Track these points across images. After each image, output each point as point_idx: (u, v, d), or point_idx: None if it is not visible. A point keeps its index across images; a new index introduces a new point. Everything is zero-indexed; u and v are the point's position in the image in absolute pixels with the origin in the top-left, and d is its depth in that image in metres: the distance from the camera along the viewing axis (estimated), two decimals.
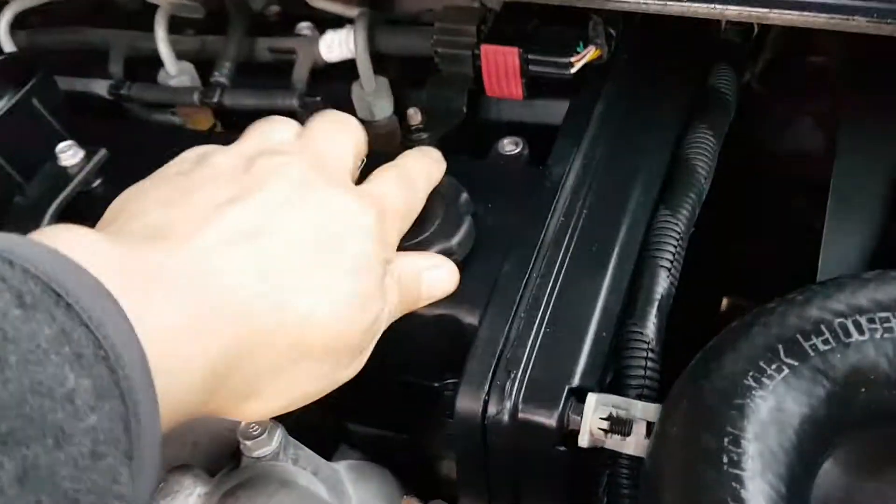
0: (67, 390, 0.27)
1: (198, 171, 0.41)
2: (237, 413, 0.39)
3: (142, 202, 0.39)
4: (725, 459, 0.34)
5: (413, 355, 0.50)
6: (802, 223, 0.61)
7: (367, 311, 0.41)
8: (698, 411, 0.36)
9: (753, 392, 0.36)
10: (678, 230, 0.49)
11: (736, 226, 0.73)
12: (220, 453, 0.59)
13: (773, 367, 0.36)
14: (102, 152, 0.55)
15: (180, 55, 0.65)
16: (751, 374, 0.36)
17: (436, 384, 0.51)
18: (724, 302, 0.81)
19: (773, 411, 0.35)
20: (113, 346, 0.28)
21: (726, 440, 0.35)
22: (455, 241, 0.47)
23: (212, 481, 0.45)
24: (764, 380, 0.36)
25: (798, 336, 0.36)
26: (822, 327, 0.36)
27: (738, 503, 0.34)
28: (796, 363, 0.36)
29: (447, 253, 0.47)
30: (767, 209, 0.70)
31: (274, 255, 0.37)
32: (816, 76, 0.65)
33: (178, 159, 0.43)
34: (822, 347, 0.36)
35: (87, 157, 0.54)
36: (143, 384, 0.30)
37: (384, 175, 0.45)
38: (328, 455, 0.54)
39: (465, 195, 0.48)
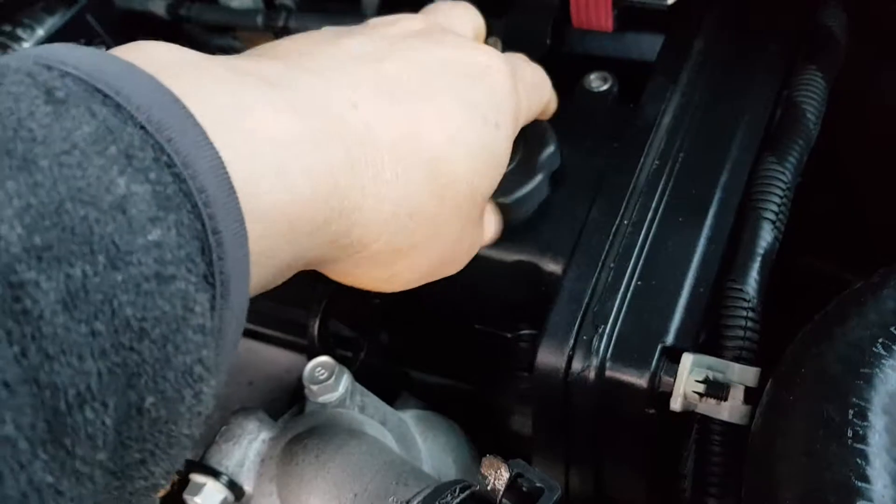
0: (117, 198, 0.22)
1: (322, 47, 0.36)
2: (344, 272, 0.35)
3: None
4: (850, 433, 0.31)
5: (486, 303, 0.47)
6: None
7: (495, 171, 0.38)
8: (820, 380, 0.32)
9: (883, 361, 0.32)
10: (785, 179, 0.45)
11: (826, 179, 0.67)
12: (276, 395, 0.57)
13: None
14: None
15: None
16: (880, 340, 0.32)
17: (509, 335, 0.48)
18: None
19: None
20: (179, 151, 0.24)
21: (851, 412, 0.31)
22: (511, 198, 0.43)
23: (276, 426, 0.42)
24: (895, 347, 0.32)
25: None
26: None
27: (863, 481, 0.30)
28: None
29: (500, 206, 0.43)
30: (866, 164, 0.65)
31: (407, 81, 0.34)
32: None
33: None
34: None
35: None
36: (224, 201, 0.25)
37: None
38: (392, 400, 0.51)
39: (551, 148, 0.44)
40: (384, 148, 0.33)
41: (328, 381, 0.42)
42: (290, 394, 0.55)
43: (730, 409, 0.39)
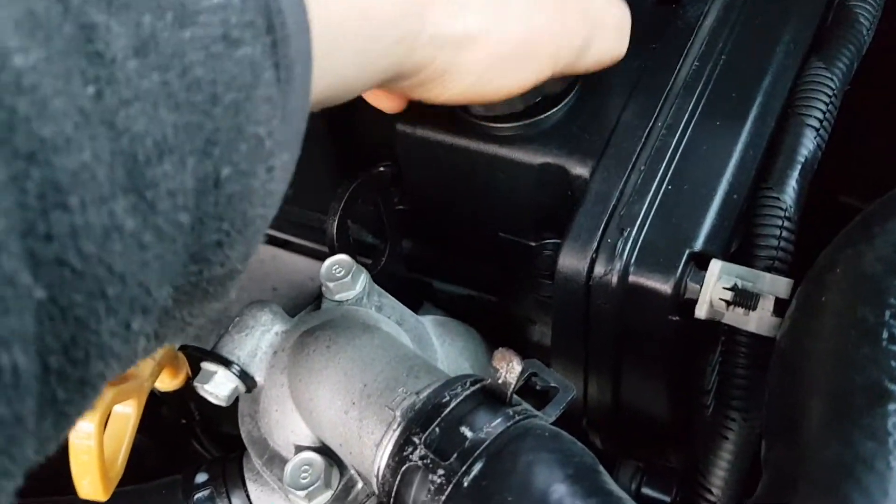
0: None
1: None
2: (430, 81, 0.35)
3: None
4: (885, 335, 0.29)
5: (511, 209, 0.45)
6: None
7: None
8: (856, 280, 0.31)
9: None
10: (832, 86, 0.42)
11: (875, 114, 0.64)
12: (299, 301, 0.57)
13: None
14: None
15: None
16: None
17: (532, 243, 0.46)
18: None
19: None
20: None
21: (888, 313, 0.29)
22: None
23: (290, 320, 0.42)
24: None
25: None
26: None
27: None
28: None
29: None
30: None
31: None
32: None
33: None
34: None
35: None
36: None
37: None
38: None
39: None
40: None
41: (345, 278, 0.42)
42: (311, 301, 0.55)
43: (758, 320, 0.37)
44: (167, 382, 0.45)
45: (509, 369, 0.32)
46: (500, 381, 0.32)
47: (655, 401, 0.41)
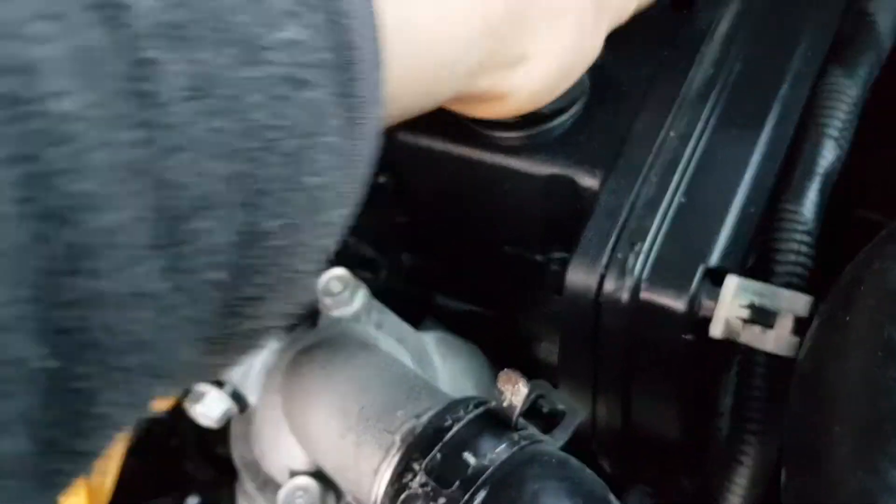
0: None
1: None
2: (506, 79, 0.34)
3: None
4: None
5: (517, 222, 0.44)
6: None
7: None
8: (882, 298, 0.29)
9: None
10: (852, 94, 0.41)
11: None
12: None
13: None
14: None
15: None
16: None
17: (539, 257, 0.45)
18: None
19: None
20: None
21: None
22: None
23: (285, 337, 0.40)
24: None
25: None
26: None
27: None
28: None
29: None
30: None
31: None
32: None
33: None
34: None
35: None
36: (364, 13, 0.23)
37: None
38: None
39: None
40: None
41: (343, 293, 0.40)
42: (307, 310, 0.53)
43: (776, 340, 0.35)
44: (157, 402, 0.43)
45: (515, 392, 0.30)
46: (505, 405, 0.30)
47: (667, 423, 0.39)
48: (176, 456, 0.50)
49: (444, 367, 0.42)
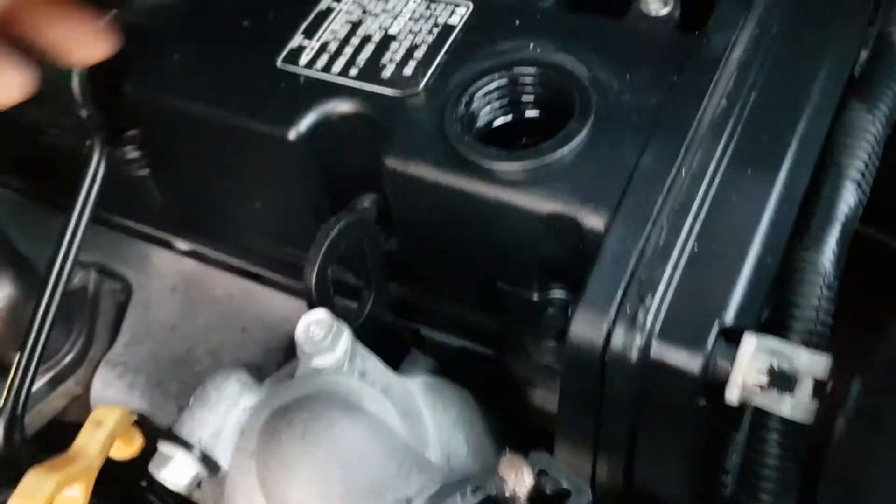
0: None
1: None
2: None
3: None
4: None
5: (513, 259, 0.41)
6: None
7: None
8: None
9: None
10: (874, 132, 0.38)
11: None
12: (271, 345, 0.51)
13: None
14: None
15: None
16: None
17: (536, 296, 0.42)
18: None
19: None
20: None
21: None
22: None
23: (259, 391, 0.37)
24: None
25: None
26: None
27: None
28: None
29: None
30: None
31: None
32: None
33: None
34: None
35: None
36: None
37: None
38: (398, 360, 0.45)
39: None
40: None
41: (324, 341, 0.36)
42: (286, 346, 0.50)
43: (793, 404, 0.33)
44: (122, 451, 0.40)
45: (518, 481, 0.27)
46: (507, 494, 0.27)
47: (672, 486, 0.37)
48: (144, 498, 0.47)
49: (434, 418, 0.38)
